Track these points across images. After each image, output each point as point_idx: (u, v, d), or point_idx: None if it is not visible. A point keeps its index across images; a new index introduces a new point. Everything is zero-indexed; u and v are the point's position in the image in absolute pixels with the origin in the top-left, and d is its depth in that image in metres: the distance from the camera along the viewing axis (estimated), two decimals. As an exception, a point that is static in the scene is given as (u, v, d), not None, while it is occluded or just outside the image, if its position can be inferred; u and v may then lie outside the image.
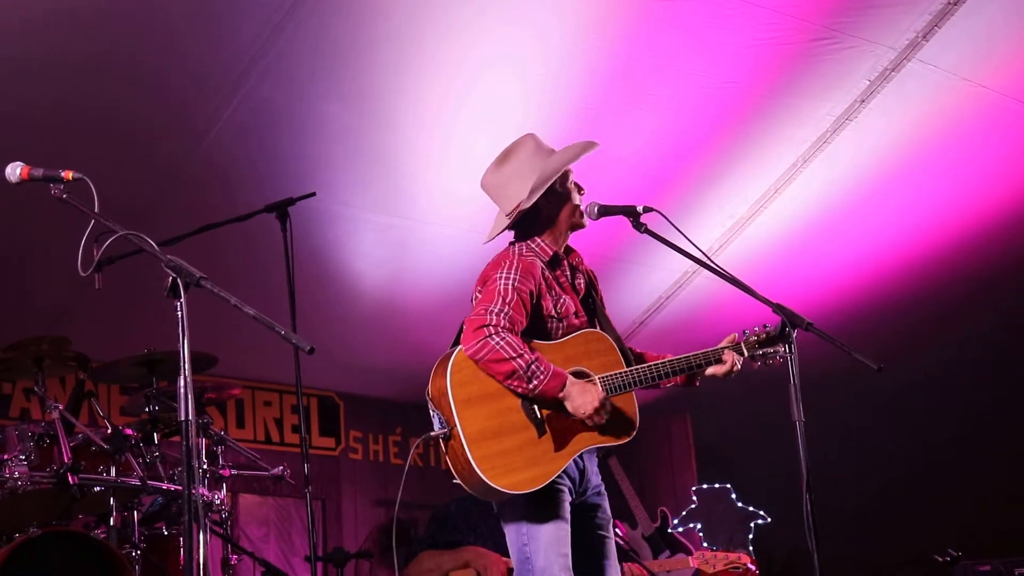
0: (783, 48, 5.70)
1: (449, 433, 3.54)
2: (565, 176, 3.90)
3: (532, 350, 3.59)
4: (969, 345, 7.63)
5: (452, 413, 3.53)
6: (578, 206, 3.91)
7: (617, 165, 6.01)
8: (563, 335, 3.78)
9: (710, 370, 3.89)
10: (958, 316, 7.49)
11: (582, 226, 3.93)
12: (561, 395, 3.57)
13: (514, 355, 3.52)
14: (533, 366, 3.54)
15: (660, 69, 5.76)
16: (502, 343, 3.53)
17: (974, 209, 6.86)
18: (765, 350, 3.87)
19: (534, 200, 3.81)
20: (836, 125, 6.25)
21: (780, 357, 3.83)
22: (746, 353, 3.88)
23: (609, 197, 3.89)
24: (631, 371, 3.76)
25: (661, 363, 3.83)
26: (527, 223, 3.89)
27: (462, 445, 3.51)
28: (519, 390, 3.56)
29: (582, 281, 3.95)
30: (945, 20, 5.67)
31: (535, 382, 3.54)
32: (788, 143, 6.38)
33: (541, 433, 3.60)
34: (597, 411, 3.60)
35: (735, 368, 3.87)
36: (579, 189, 3.94)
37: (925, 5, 5.62)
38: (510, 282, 3.66)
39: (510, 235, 3.95)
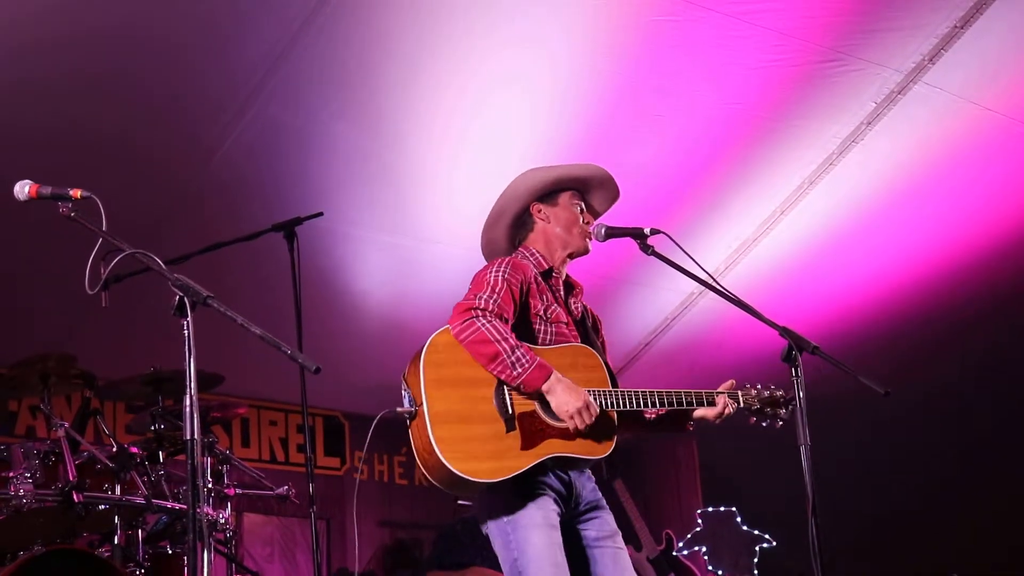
0: (790, 70, 5.72)
1: (415, 412, 3.45)
2: (572, 195, 3.89)
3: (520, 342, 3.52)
4: (974, 367, 7.61)
5: (420, 390, 3.44)
6: (582, 228, 3.85)
7: (623, 186, 5.99)
8: (551, 341, 3.69)
9: (699, 412, 3.72)
10: (964, 337, 7.47)
11: (582, 251, 3.88)
12: (544, 388, 3.46)
13: (499, 338, 3.45)
14: (518, 352, 3.45)
15: (667, 90, 5.77)
16: (488, 326, 3.47)
17: (980, 231, 6.85)
18: (765, 409, 3.74)
19: (521, 202, 3.84)
20: (842, 147, 6.27)
21: (780, 421, 3.73)
22: (742, 403, 3.74)
23: (615, 218, 3.89)
24: (617, 392, 3.60)
25: (648, 392, 3.64)
26: (523, 230, 3.90)
27: (425, 423, 3.41)
28: (502, 376, 3.46)
29: (579, 307, 3.87)
30: (952, 43, 5.69)
31: (519, 369, 3.44)
32: (794, 165, 6.39)
33: (510, 429, 3.47)
34: (580, 412, 3.45)
35: (726, 412, 3.71)
36: (585, 215, 3.89)
37: (932, 28, 5.63)
38: (500, 274, 3.63)
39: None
